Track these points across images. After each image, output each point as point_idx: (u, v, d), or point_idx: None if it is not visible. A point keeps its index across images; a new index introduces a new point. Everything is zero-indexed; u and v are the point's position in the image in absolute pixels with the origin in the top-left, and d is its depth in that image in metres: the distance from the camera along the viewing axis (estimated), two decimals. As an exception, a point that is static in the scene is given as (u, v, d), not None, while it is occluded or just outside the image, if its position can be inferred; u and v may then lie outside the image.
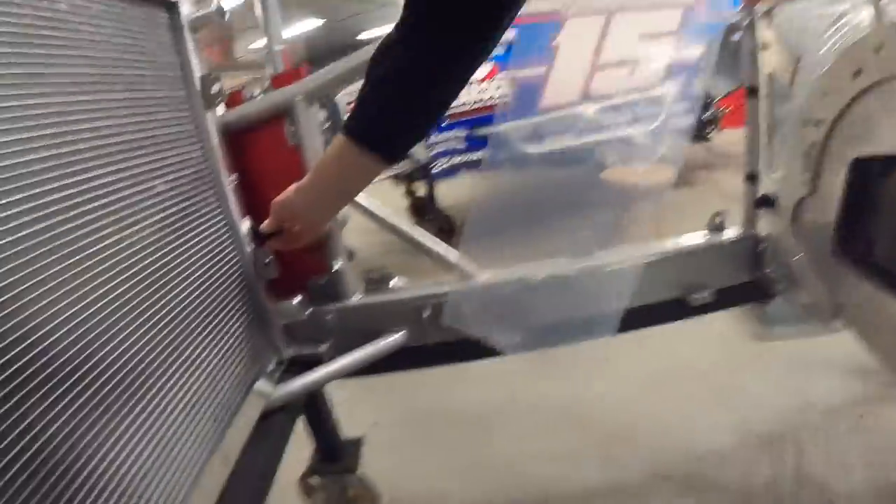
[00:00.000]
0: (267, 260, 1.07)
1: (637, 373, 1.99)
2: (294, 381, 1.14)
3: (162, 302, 0.84)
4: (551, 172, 5.04)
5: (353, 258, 1.27)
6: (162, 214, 0.87)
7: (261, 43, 1.55)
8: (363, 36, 10.66)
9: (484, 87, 3.21)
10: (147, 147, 0.87)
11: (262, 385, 1.08)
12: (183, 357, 0.86)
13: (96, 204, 0.73)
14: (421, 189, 3.93)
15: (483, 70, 3.21)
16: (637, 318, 1.27)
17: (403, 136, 0.84)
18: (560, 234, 3.58)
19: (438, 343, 1.27)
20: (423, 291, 1.27)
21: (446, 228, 3.70)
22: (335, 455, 1.43)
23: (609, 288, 1.26)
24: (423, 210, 3.90)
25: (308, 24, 8.77)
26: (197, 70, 1.03)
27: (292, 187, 0.96)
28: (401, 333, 1.28)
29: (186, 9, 1.02)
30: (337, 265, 1.22)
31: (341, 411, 1.44)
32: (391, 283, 1.31)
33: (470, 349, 1.26)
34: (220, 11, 1.04)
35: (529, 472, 1.62)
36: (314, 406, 1.31)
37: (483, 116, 3.20)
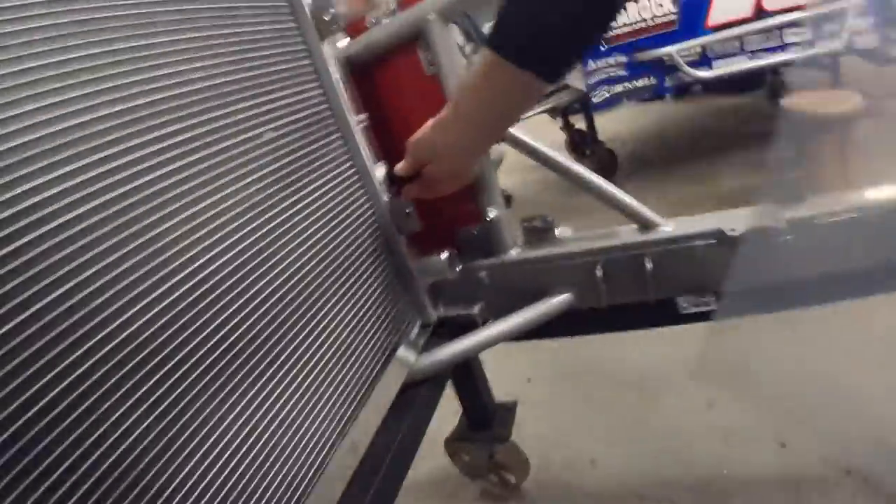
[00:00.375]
0: (408, 210, 0.92)
1: (834, 341, 1.58)
2: (442, 349, 0.99)
3: (285, 264, 0.72)
4: (722, 100, 4.51)
5: (510, 204, 1.09)
6: (276, 165, 0.75)
7: None
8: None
9: (644, 4, 2.81)
10: (252, 90, 0.74)
11: (404, 353, 0.94)
12: (312, 325, 0.75)
13: (199, 159, 0.64)
14: (579, 122, 3.60)
15: (644, -16, 2.83)
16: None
17: (561, 49, 0.65)
18: (735, 170, 3.14)
19: (614, 306, 1.05)
20: (596, 243, 1.04)
21: (608, 165, 3.37)
22: (485, 421, 1.29)
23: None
24: (583, 145, 3.58)
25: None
26: None
27: (430, 122, 0.80)
28: (567, 294, 1.07)
29: None
30: (491, 213, 1.04)
31: (490, 366, 1.31)
32: (556, 233, 1.10)
33: (655, 314, 1.03)
34: None
35: (695, 449, 1.37)
36: (464, 372, 1.17)
37: (644, 39, 2.82)
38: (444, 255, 0.98)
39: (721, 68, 2.87)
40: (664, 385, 1.64)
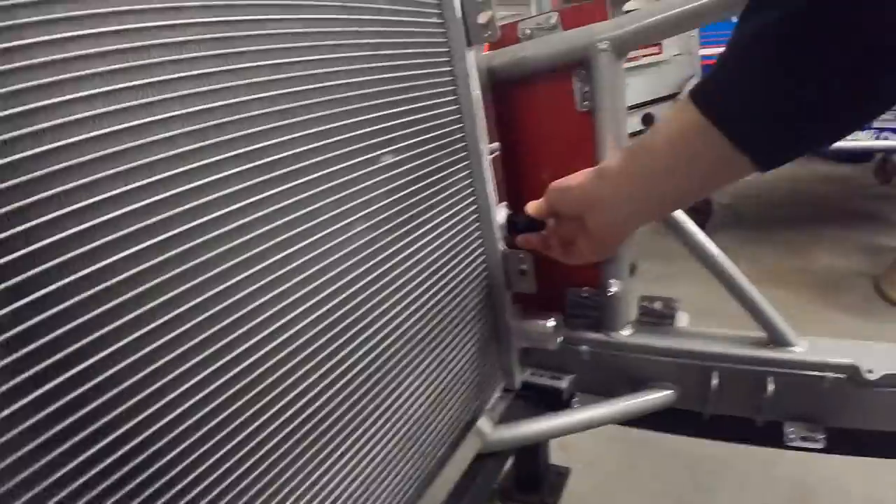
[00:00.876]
0: (524, 267, 0.78)
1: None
2: (522, 426, 0.86)
3: (386, 315, 0.61)
4: (825, 166, 4.22)
5: (634, 272, 0.92)
6: (389, 199, 0.61)
7: None
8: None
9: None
10: (377, 98, 0.60)
11: (483, 423, 0.82)
12: (402, 385, 0.65)
13: (302, 185, 0.51)
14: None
15: None
16: None
17: (805, 137, 0.46)
18: (834, 247, 2.90)
19: (719, 416, 0.89)
20: (718, 347, 0.87)
21: (703, 214, 3.15)
22: (536, 484, 1.19)
23: None
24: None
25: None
26: None
27: (589, 172, 0.63)
28: (670, 392, 0.91)
29: None
30: (614, 287, 0.88)
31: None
32: (675, 320, 0.93)
33: (757, 433, 0.87)
34: None
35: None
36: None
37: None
38: (551, 323, 0.83)
39: (843, 140, 2.62)
40: (727, 473, 1.48)
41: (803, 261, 2.79)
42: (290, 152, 0.49)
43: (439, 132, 0.70)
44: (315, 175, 0.52)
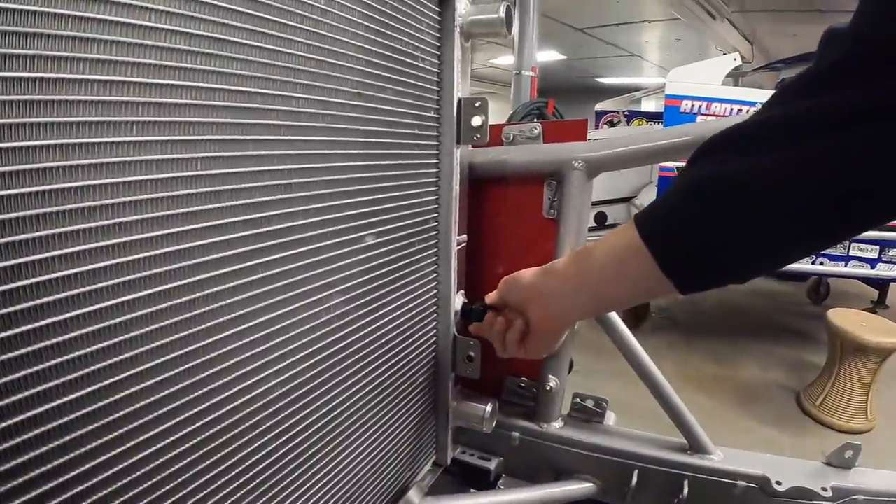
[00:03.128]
0: (471, 353, 0.83)
1: None
2: (447, 500, 0.89)
3: (339, 378, 0.65)
4: (759, 280, 4.44)
5: (571, 369, 0.99)
6: (365, 278, 0.67)
7: (503, 60, 1.31)
8: (602, 80, 10.42)
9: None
10: (368, 183, 0.66)
11: (412, 495, 0.85)
12: (343, 442, 0.68)
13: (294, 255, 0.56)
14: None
15: None
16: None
17: (724, 269, 0.52)
18: (758, 360, 3.04)
19: (637, 513, 0.95)
20: (642, 449, 0.94)
21: (640, 314, 3.29)
22: None
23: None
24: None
25: (547, 55, 8.66)
26: (458, 89, 0.80)
27: (538, 268, 0.69)
28: (591, 485, 0.97)
29: (463, 6, 0.79)
30: (551, 383, 0.94)
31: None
32: (604, 418, 1.00)
33: None
34: (508, 21, 0.79)
35: None
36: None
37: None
38: (488, 408, 0.88)
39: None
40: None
41: (728, 369, 2.93)
42: (289, 224, 0.54)
43: (417, 220, 0.76)
44: (307, 248, 0.57)
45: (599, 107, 5.74)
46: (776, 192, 0.44)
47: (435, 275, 0.81)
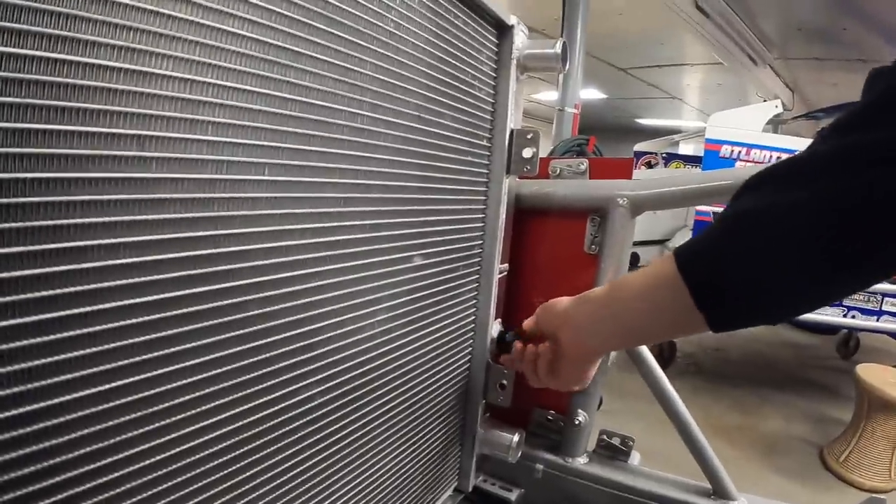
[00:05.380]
0: (504, 382, 0.83)
1: None
2: (466, 530, 0.88)
3: (374, 394, 0.66)
4: (788, 330, 4.37)
5: (601, 406, 0.98)
6: (410, 297, 0.68)
7: (543, 95, 1.32)
8: (641, 121, 10.41)
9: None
10: (420, 204, 0.68)
11: None
12: (371, 455, 0.68)
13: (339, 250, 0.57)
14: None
15: None
16: None
17: (760, 308, 0.50)
18: (782, 411, 2.98)
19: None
20: (665, 490, 0.93)
21: (666, 356, 3.25)
22: None
23: None
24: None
25: (589, 94, 8.69)
26: (511, 120, 0.81)
27: (574, 296, 0.69)
28: (613, 524, 0.95)
29: (520, 40, 0.80)
30: (580, 417, 0.94)
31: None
32: (629, 457, 0.98)
33: None
34: (563, 56, 0.81)
35: None
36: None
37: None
38: (516, 438, 0.88)
39: (812, 313, 2.77)
40: None
41: (751, 419, 2.87)
42: (345, 237, 0.56)
43: (463, 245, 0.77)
44: (360, 262, 0.59)
45: (638, 147, 5.72)
46: (811, 227, 0.44)
47: (475, 301, 0.82)
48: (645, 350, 0.95)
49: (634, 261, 2.96)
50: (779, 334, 4.40)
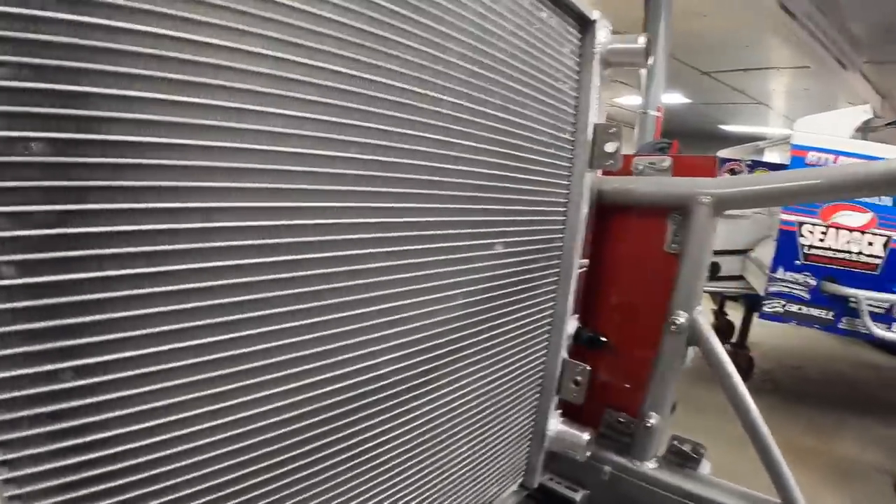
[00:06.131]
0: (578, 378, 0.82)
1: None
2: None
3: (449, 377, 0.67)
4: (877, 354, 4.14)
5: (674, 411, 0.96)
6: (488, 284, 0.68)
7: (625, 100, 1.29)
8: (725, 127, 10.05)
9: (855, 237, 2.59)
10: (503, 192, 0.68)
11: None
12: (442, 442, 0.69)
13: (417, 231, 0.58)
14: (734, 315, 3.40)
15: (861, 218, 2.62)
16: None
17: None
18: (859, 437, 2.82)
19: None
20: (735, 500, 0.90)
21: (743, 372, 3.12)
22: None
23: None
24: (725, 338, 3.35)
25: (672, 98, 8.45)
26: (594, 114, 0.80)
27: None
28: (682, 532, 0.92)
29: (603, 35, 0.80)
30: (652, 420, 0.91)
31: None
32: (699, 466, 0.95)
33: None
34: (646, 51, 0.79)
35: None
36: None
37: (841, 270, 2.59)
38: (586, 437, 0.87)
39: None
40: None
41: (825, 443, 2.73)
42: (431, 218, 0.58)
43: (543, 237, 0.77)
44: (444, 244, 0.60)
45: (722, 154, 5.54)
46: None
47: (553, 295, 0.81)
48: (726, 359, 0.91)
49: (715, 271, 2.86)
50: (857, 354, 4.17)
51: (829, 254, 2.66)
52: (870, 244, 2.58)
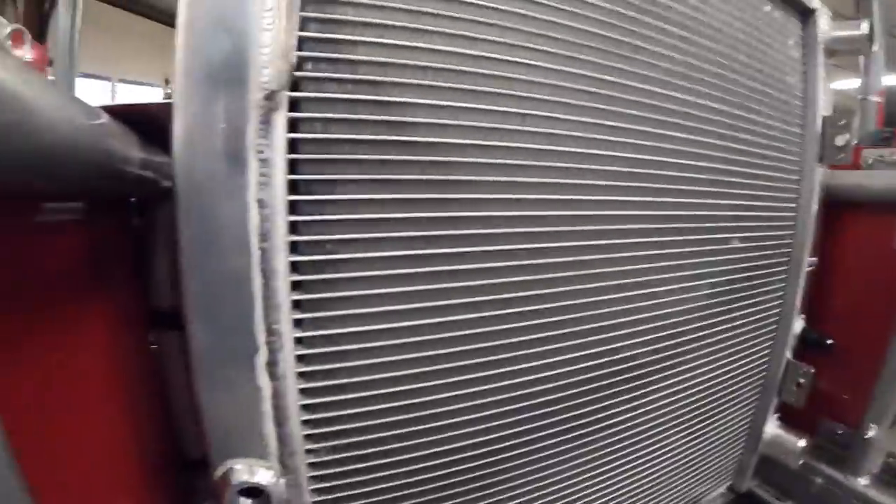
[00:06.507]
0: (801, 381, 0.79)
1: None
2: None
3: (675, 360, 0.66)
4: None
5: (894, 424, 0.89)
6: (720, 279, 0.68)
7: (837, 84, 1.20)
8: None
9: None
10: (738, 182, 0.67)
11: None
12: (658, 428, 0.69)
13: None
14: None
15: None
16: None
17: None
18: None
19: None
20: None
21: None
22: None
23: None
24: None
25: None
26: (821, 106, 0.77)
27: None
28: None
29: (825, 23, 0.76)
30: (872, 431, 0.85)
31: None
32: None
33: None
34: (870, 37, 0.75)
35: None
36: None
37: None
38: (801, 443, 0.83)
39: None
40: None
41: None
42: (675, 212, 0.59)
43: (773, 233, 0.75)
44: (686, 237, 0.61)
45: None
46: None
47: (781, 293, 0.78)
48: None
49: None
50: None
51: None
52: None
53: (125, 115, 0.39)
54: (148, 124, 0.38)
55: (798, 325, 0.80)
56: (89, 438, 0.44)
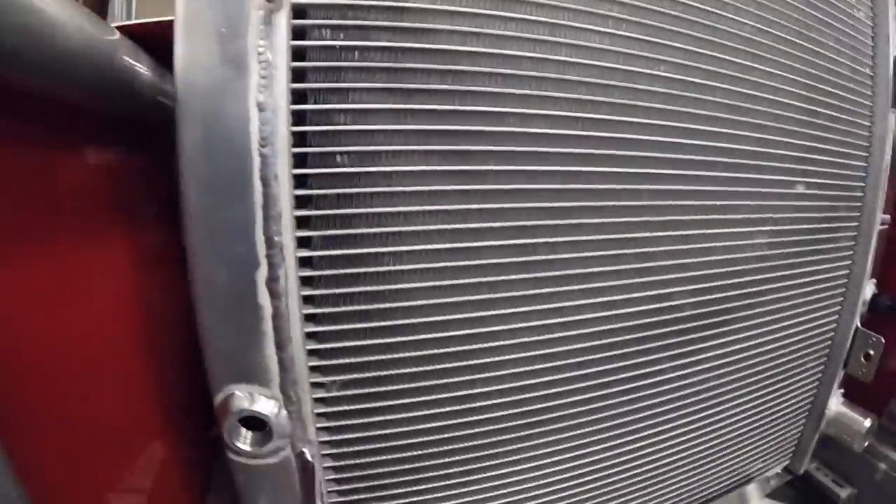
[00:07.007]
0: (871, 352, 0.71)
1: None
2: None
3: (733, 324, 0.61)
4: None
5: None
6: (787, 227, 0.62)
7: None
8: None
9: None
10: (805, 120, 0.61)
11: (752, 490, 0.78)
12: (711, 397, 0.64)
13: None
14: None
15: None
16: None
17: None
18: None
19: None
20: None
21: None
22: None
23: None
24: None
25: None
26: (894, 45, 0.69)
27: None
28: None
29: None
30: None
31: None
32: None
33: None
34: None
35: None
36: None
37: None
38: (867, 423, 0.75)
39: None
40: None
41: None
42: (734, 146, 0.54)
43: (843, 183, 0.68)
44: (746, 175, 0.56)
45: None
46: None
47: (850, 251, 0.71)
48: None
49: None
50: None
51: None
52: None
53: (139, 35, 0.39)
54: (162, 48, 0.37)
55: (869, 289, 0.73)
56: (118, 373, 0.44)
